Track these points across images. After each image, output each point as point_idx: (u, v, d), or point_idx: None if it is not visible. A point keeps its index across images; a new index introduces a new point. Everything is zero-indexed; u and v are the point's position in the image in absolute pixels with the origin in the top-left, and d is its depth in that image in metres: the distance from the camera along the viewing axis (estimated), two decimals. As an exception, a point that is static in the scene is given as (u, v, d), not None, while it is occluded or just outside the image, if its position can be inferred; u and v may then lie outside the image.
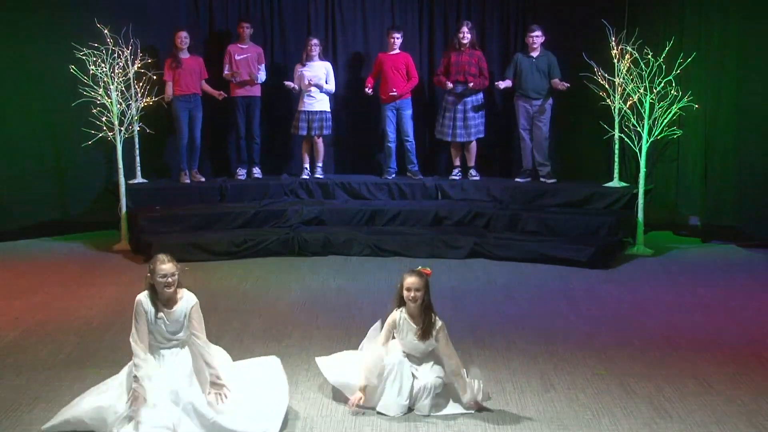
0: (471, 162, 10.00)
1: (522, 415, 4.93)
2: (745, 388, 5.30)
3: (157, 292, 4.66)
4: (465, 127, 9.79)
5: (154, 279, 4.64)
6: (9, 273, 8.06)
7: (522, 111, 9.76)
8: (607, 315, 6.81)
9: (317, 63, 9.87)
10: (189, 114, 9.68)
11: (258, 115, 10.01)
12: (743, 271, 8.13)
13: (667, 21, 9.44)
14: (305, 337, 6.27)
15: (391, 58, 9.86)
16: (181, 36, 9.55)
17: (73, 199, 9.64)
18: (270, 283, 7.76)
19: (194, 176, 9.88)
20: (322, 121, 9.90)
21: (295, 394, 5.21)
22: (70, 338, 6.21)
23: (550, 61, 9.58)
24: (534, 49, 9.62)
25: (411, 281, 4.86)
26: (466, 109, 9.77)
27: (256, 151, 10.08)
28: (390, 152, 10.07)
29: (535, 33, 9.60)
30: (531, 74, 9.61)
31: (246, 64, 9.83)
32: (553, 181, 9.77)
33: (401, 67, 9.85)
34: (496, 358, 5.80)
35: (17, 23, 9.18)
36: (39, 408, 5.00)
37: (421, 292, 4.85)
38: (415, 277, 4.87)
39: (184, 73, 9.56)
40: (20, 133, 9.31)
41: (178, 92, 9.59)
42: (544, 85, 9.62)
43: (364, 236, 8.85)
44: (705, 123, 9.08)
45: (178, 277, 4.67)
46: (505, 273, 8.09)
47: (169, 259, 4.68)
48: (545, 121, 9.69)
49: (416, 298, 4.85)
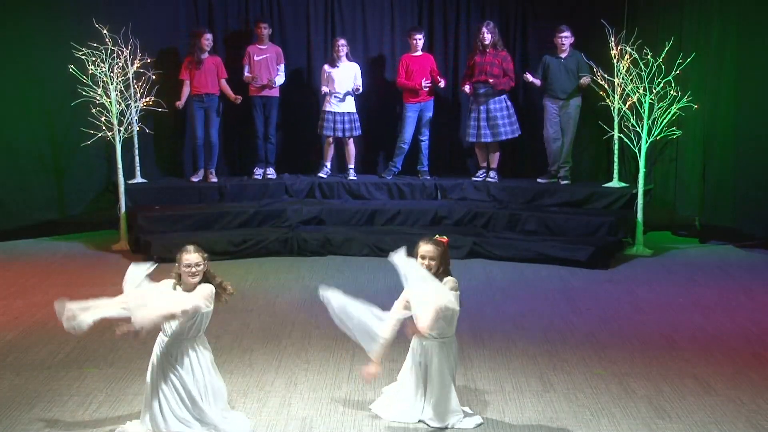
0: (493, 164, 9.97)
1: (521, 414, 4.94)
2: (744, 387, 5.30)
3: (182, 282, 4.61)
4: (489, 127, 9.77)
5: (180, 269, 4.61)
6: (9, 273, 8.05)
7: (550, 111, 9.75)
8: (606, 315, 6.81)
9: (346, 64, 9.84)
10: (204, 113, 9.69)
11: (275, 115, 10.02)
12: (742, 271, 8.14)
13: (667, 21, 9.44)
14: (304, 336, 6.27)
15: (416, 59, 9.87)
16: (208, 38, 9.58)
17: (73, 198, 9.63)
18: (269, 282, 7.76)
19: (209, 176, 9.86)
20: (351, 122, 9.89)
21: (294, 394, 5.22)
22: (70, 338, 6.17)
23: (579, 61, 9.56)
24: (563, 50, 9.60)
25: (425, 249, 4.65)
26: (489, 109, 9.75)
27: (271, 152, 10.08)
28: (401, 153, 10.06)
29: (563, 34, 9.57)
30: (559, 75, 9.60)
31: (265, 64, 9.83)
32: (567, 182, 9.76)
33: (427, 67, 9.87)
34: (496, 358, 5.80)
35: (17, 23, 9.16)
36: (38, 408, 5.01)
37: (435, 261, 4.63)
38: (430, 245, 4.66)
39: (200, 73, 9.57)
40: (19, 133, 9.29)
41: (194, 92, 9.61)
42: (573, 86, 9.60)
43: (363, 236, 8.86)
44: (704, 123, 9.08)
45: (204, 268, 4.63)
46: (504, 273, 8.09)
47: (195, 249, 4.65)
48: (573, 121, 9.68)
49: (430, 266, 4.63)
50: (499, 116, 9.77)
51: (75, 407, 5.03)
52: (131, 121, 9.29)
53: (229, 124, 10.14)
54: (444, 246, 4.72)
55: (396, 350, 5.97)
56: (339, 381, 5.44)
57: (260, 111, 9.92)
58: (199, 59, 9.56)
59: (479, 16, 10.39)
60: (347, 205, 9.56)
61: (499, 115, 9.77)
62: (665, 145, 9.34)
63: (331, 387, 5.34)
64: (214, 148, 9.83)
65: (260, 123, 9.94)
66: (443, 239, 4.76)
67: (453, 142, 10.54)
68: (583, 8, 10.02)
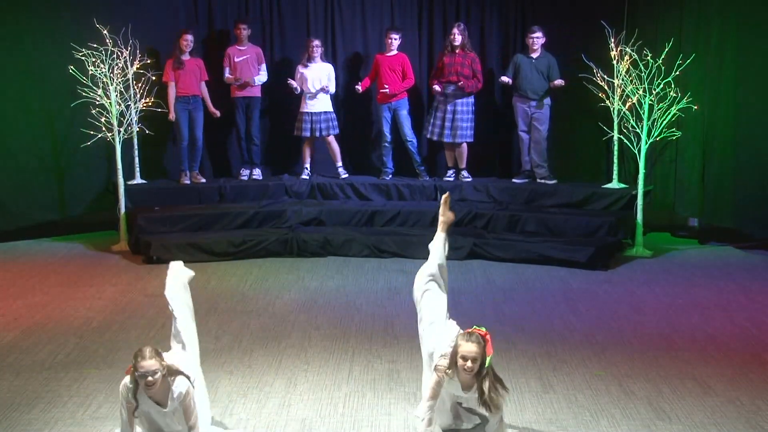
0: (462, 164, 9.99)
1: (521, 415, 4.94)
2: (743, 389, 5.31)
3: None
4: (452, 128, 9.79)
5: (135, 375, 4.19)
6: (8, 273, 8.06)
7: (520, 112, 9.76)
8: (606, 316, 6.81)
9: (319, 64, 9.87)
10: (189, 115, 9.69)
11: (257, 116, 10.01)
12: (741, 272, 8.13)
13: (666, 22, 9.44)
14: (304, 337, 6.27)
15: (388, 59, 9.87)
16: (186, 39, 9.54)
17: (72, 199, 9.63)
18: (269, 283, 7.76)
19: (195, 177, 9.87)
20: (328, 121, 9.91)
21: (293, 395, 5.22)
22: (69, 339, 6.22)
23: (550, 63, 9.59)
24: (534, 50, 9.62)
25: (467, 349, 4.27)
26: (456, 110, 9.76)
27: (255, 152, 10.08)
28: (387, 152, 10.07)
29: (535, 34, 9.60)
30: (530, 75, 9.61)
31: (246, 65, 9.83)
32: (554, 182, 9.77)
33: (397, 68, 9.85)
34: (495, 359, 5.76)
35: (16, 23, 9.16)
36: (38, 409, 5.01)
37: (477, 362, 4.29)
38: (473, 345, 4.28)
39: (184, 74, 9.57)
40: (19, 133, 9.29)
41: (179, 93, 9.60)
42: (543, 86, 9.62)
43: (363, 237, 8.86)
44: (703, 124, 9.08)
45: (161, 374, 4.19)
46: (504, 274, 8.10)
47: (151, 354, 4.16)
48: (543, 122, 9.70)
49: (472, 369, 4.29)
50: (464, 119, 9.79)
51: (75, 408, 5.03)
52: (131, 121, 9.29)
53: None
54: (485, 341, 4.35)
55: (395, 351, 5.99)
56: (339, 382, 5.44)
57: (242, 112, 9.92)
58: (179, 60, 9.55)
59: (479, 16, 10.39)
60: (347, 206, 9.56)
61: (464, 117, 9.79)
62: (665, 146, 9.34)
63: (331, 388, 5.34)
64: (199, 150, 9.82)
65: (242, 124, 9.94)
66: (482, 332, 4.36)
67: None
68: (582, 9, 10.01)
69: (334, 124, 9.97)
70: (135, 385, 4.23)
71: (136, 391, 4.25)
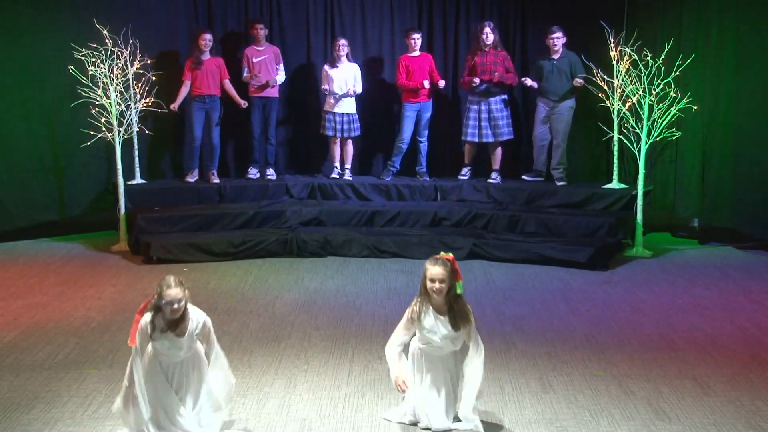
0: (496, 165, 9.96)
1: (521, 416, 4.94)
2: (743, 389, 5.31)
3: (163, 315, 4.44)
4: (492, 127, 9.78)
5: (160, 303, 4.42)
6: (8, 273, 8.05)
7: (540, 111, 9.76)
8: (605, 316, 6.81)
9: (345, 65, 9.84)
10: (205, 114, 9.69)
11: (275, 116, 10.02)
12: (741, 273, 8.14)
13: (666, 23, 9.44)
14: (304, 338, 6.27)
15: (416, 59, 9.87)
16: (205, 38, 9.55)
17: (72, 199, 9.63)
18: (269, 283, 7.76)
19: (210, 177, 9.85)
20: (351, 123, 9.91)
21: (293, 396, 5.22)
22: (69, 339, 6.21)
23: (572, 61, 9.55)
24: (555, 50, 9.60)
25: (434, 272, 4.58)
26: (491, 109, 9.76)
27: (270, 153, 10.08)
28: (399, 153, 10.05)
29: (555, 35, 9.56)
30: (551, 77, 9.60)
31: (265, 65, 9.82)
32: (563, 183, 9.76)
33: (426, 66, 9.88)
34: (495, 359, 5.80)
35: (16, 23, 9.16)
36: (38, 409, 5.01)
37: (446, 282, 4.58)
38: (439, 267, 4.58)
39: (201, 74, 9.57)
40: (19, 133, 9.28)
41: (195, 93, 9.60)
42: (564, 87, 9.59)
43: (363, 237, 8.85)
44: (703, 125, 9.08)
45: (185, 302, 4.43)
46: (504, 274, 8.10)
47: (176, 283, 4.40)
48: (560, 121, 9.67)
49: (441, 289, 4.58)
50: (502, 116, 9.79)
51: (74, 408, 5.03)
52: (131, 121, 9.29)
53: (228, 124, 10.11)
54: (451, 264, 4.62)
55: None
56: (338, 382, 5.44)
57: (260, 111, 9.91)
58: (198, 60, 9.56)
59: (479, 17, 10.39)
60: (347, 207, 9.56)
61: (499, 115, 9.78)
62: (665, 146, 9.34)
63: (331, 388, 5.34)
64: (215, 150, 9.82)
65: (257, 123, 9.93)
66: (449, 257, 4.65)
67: (453, 143, 10.53)
68: (582, 9, 10.02)
69: (356, 126, 9.97)
70: (156, 315, 4.43)
71: (154, 330, 4.44)
